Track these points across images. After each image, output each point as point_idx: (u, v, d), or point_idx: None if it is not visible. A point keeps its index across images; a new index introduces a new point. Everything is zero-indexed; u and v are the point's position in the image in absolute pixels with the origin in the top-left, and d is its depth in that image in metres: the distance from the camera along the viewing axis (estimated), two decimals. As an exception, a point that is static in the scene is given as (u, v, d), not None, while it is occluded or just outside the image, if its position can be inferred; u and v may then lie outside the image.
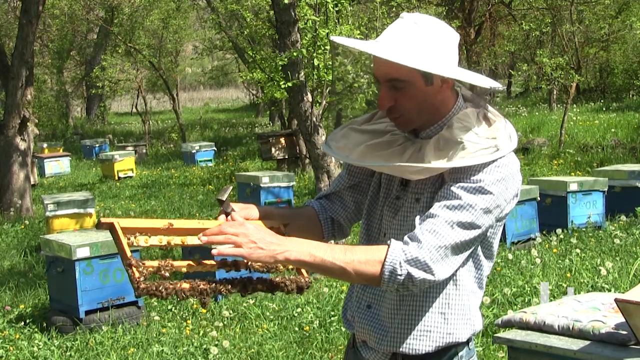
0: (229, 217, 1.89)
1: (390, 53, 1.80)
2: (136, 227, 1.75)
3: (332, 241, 2.13)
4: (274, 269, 1.88)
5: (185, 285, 1.74)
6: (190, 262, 1.83)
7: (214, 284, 1.78)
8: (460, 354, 1.95)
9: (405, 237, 1.79)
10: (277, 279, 1.89)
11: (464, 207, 1.79)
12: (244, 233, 1.72)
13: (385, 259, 1.75)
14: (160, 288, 1.70)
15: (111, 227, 1.71)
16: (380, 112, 1.99)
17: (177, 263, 1.78)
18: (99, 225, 1.74)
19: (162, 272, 1.74)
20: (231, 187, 1.95)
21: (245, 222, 1.78)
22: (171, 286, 1.72)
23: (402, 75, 1.83)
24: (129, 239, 1.73)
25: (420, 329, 1.91)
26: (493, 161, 1.83)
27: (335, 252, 1.76)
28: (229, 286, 1.80)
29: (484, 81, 1.87)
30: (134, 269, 1.68)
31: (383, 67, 1.84)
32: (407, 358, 1.94)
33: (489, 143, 1.84)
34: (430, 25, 1.86)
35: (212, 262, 1.87)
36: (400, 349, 1.92)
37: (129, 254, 1.69)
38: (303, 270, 1.92)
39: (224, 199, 1.88)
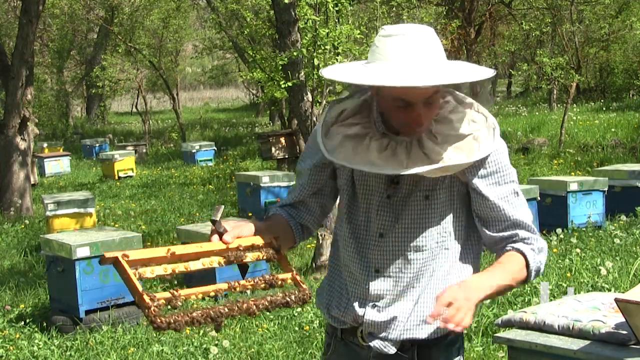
0: (223, 237, 1.90)
1: (435, 77, 1.81)
2: (140, 259, 1.71)
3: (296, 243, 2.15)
4: (276, 285, 1.88)
5: (198, 314, 1.73)
6: (203, 290, 1.80)
7: (222, 308, 1.77)
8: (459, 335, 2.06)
9: (521, 235, 1.96)
10: (280, 296, 1.87)
11: (516, 189, 1.99)
12: (465, 306, 1.77)
13: (528, 264, 1.95)
14: (175, 321, 1.67)
15: (115, 262, 1.68)
16: (342, 110, 2.00)
17: (186, 291, 1.76)
18: (102, 261, 1.69)
19: (174, 302, 1.71)
20: (223, 207, 1.96)
21: (454, 287, 1.81)
22: (185, 317, 1.70)
23: (436, 89, 1.87)
24: (134, 271, 1.69)
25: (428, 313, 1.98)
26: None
27: (502, 276, 1.91)
28: (235, 309, 1.79)
29: (479, 74, 1.90)
30: (149, 303, 1.64)
31: (420, 90, 1.84)
32: (419, 344, 2.00)
33: (487, 124, 1.94)
34: (428, 34, 1.87)
35: (243, 282, 1.86)
36: (414, 336, 1.99)
37: (140, 288, 1.65)
38: (301, 282, 1.92)
39: (217, 218, 1.88)
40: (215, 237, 1.87)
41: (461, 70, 1.89)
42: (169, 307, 1.72)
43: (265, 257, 1.91)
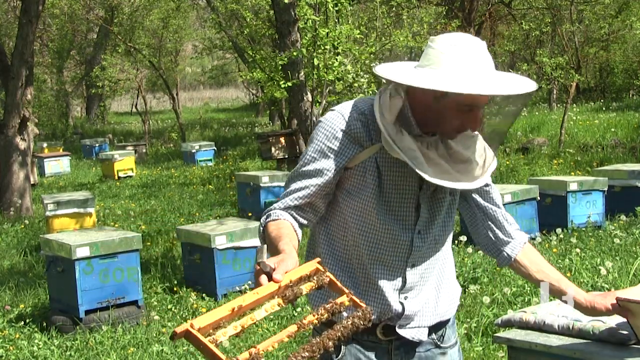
0: (273, 276, 1.80)
1: (515, 86, 1.95)
2: (209, 324, 1.66)
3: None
4: (337, 312, 1.83)
5: None
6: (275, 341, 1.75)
7: (303, 352, 1.73)
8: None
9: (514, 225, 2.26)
10: (347, 322, 1.81)
11: None
12: None
13: None
14: None
15: (187, 334, 1.62)
16: (392, 123, 2.00)
17: (263, 345, 1.72)
18: (173, 337, 1.63)
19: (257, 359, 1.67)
20: (265, 247, 1.93)
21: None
22: None
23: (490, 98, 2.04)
24: (209, 337, 1.64)
25: (449, 295, 2.19)
26: None
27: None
28: (315, 349, 1.74)
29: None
30: None
31: (485, 96, 1.95)
32: (436, 325, 2.15)
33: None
34: (484, 47, 1.98)
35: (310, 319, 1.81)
36: (442, 319, 2.16)
37: (222, 356, 1.60)
38: (358, 301, 1.86)
39: (264, 259, 1.84)
40: (264, 277, 1.79)
41: (520, 80, 2.00)
42: None
43: (317, 285, 1.86)
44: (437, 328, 2.17)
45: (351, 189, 2.05)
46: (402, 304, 2.08)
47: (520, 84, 1.96)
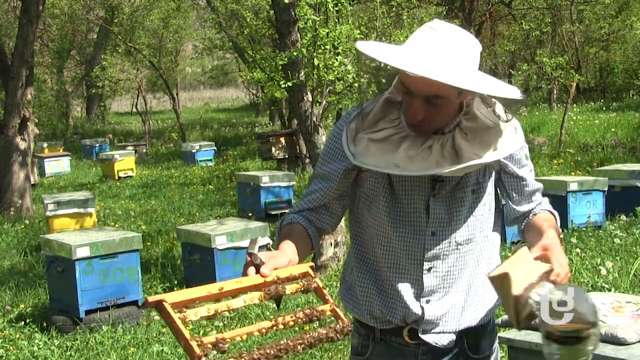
0: (261, 270, 1.80)
1: (447, 75, 1.76)
2: (182, 301, 1.67)
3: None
4: (315, 318, 1.84)
5: (247, 359, 1.68)
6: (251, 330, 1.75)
7: (270, 350, 1.73)
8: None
9: (539, 199, 2.17)
10: (322, 332, 1.82)
11: (527, 153, 2.21)
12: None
13: (556, 219, 2.15)
14: None
15: (159, 305, 1.63)
16: (366, 115, 1.96)
17: (231, 333, 1.72)
18: (145, 305, 1.65)
19: (222, 347, 1.66)
20: (259, 239, 1.92)
21: (557, 249, 1.93)
22: None
23: (443, 93, 1.84)
24: (179, 313, 1.63)
25: (482, 300, 2.08)
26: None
27: (557, 234, 2.05)
28: (282, 349, 1.75)
29: (515, 92, 1.88)
30: (198, 353, 1.59)
31: (425, 85, 1.82)
32: (467, 332, 2.05)
33: (509, 121, 1.99)
34: (463, 38, 1.86)
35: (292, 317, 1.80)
36: (469, 325, 2.05)
37: (187, 335, 1.60)
38: (341, 314, 1.86)
39: (255, 251, 1.84)
40: (252, 270, 1.79)
41: (474, 79, 1.83)
42: (216, 352, 1.66)
43: (303, 288, 1.86)
44: (468, 336, 2.07)
45: (369, 192, 2.04)
46: (422, 308, 2.01)
47: (462, 78, 1.77)
